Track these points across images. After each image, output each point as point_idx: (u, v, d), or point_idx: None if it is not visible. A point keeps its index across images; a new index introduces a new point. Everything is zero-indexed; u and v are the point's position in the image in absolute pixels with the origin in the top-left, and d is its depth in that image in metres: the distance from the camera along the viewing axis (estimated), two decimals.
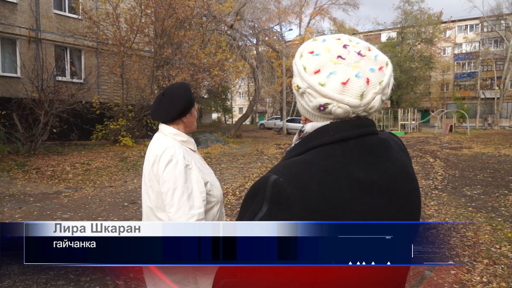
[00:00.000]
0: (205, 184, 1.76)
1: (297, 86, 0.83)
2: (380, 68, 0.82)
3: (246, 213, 0.79)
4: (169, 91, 1.79)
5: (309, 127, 0.86)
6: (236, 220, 0.82)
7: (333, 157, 0.78)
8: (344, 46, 0.82)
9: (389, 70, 0.84)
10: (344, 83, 0.77)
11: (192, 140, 1.89)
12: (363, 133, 0.81)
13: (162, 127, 1.83)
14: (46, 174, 9.31)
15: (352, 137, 0.80)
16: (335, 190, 0.75)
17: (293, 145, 0.91)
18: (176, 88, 1.80)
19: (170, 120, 1.81)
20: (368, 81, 0.79)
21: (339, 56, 0.80)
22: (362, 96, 0.78)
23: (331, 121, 0.82)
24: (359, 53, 0.81)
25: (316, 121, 0.85)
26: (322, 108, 0.80)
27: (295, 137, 0.92)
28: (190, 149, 1.85)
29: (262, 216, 0.74)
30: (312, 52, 0.84)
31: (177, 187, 1.66)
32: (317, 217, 0.73)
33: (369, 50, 0.84)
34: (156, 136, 1.85)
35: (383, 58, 0.84)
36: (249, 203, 0.79)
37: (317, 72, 0.80)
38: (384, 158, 0.82)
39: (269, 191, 0.75)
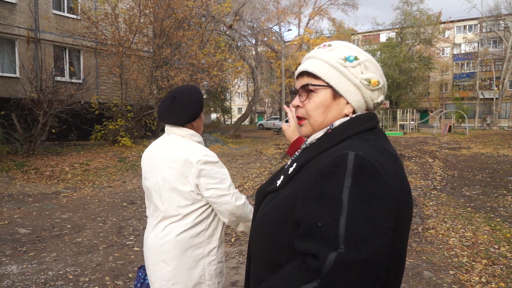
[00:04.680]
0: None
1: (378, 81, 1.00)
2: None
3: (324, 188, 0.82)
4: (180, 94, 1.77)
5: (338, 123, 0.99)
6: (311, 195, 0.85)
7: (372, 140, 0.93)
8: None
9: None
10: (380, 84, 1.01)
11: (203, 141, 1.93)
12: (377, 123, 1.01)
13: (175, 129, 1.80)
14: (45, 175, 9.30)
15: (375, 126, 0.99)
16: (390, 162, 0.88)
17: (316, 138, 1.00)
18: (188, 92, 1.78)
19: (181, 124, 1.78)
20: (385, 85, 1.04)
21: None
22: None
23: (350, 117, 0.98)
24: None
25: (339, 119, 1.00)
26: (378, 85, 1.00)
27: (319, 134, 1.02)
28: None
29: (350, 187, 0.79)
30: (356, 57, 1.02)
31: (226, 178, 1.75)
32: (395, 181, 0.84)
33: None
34: (174, 139, 1.80)
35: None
36: (324, 182, 0.83)
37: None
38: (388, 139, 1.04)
39: (351, 164, 0.81)
